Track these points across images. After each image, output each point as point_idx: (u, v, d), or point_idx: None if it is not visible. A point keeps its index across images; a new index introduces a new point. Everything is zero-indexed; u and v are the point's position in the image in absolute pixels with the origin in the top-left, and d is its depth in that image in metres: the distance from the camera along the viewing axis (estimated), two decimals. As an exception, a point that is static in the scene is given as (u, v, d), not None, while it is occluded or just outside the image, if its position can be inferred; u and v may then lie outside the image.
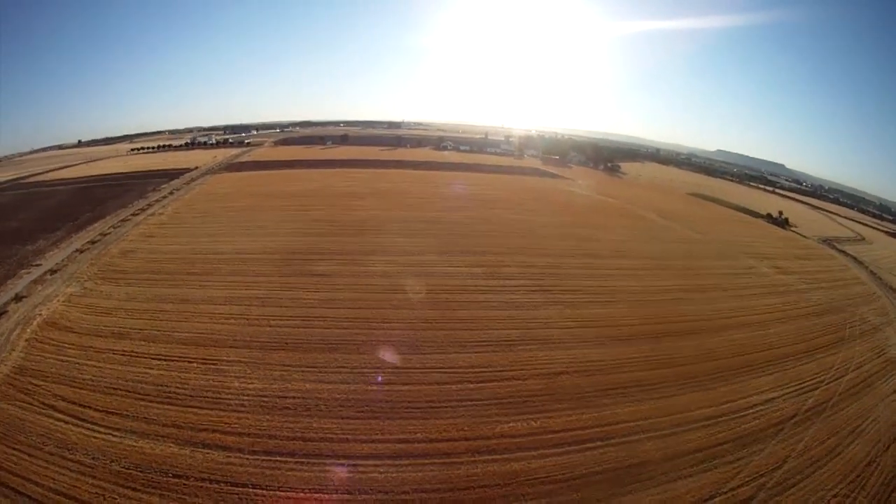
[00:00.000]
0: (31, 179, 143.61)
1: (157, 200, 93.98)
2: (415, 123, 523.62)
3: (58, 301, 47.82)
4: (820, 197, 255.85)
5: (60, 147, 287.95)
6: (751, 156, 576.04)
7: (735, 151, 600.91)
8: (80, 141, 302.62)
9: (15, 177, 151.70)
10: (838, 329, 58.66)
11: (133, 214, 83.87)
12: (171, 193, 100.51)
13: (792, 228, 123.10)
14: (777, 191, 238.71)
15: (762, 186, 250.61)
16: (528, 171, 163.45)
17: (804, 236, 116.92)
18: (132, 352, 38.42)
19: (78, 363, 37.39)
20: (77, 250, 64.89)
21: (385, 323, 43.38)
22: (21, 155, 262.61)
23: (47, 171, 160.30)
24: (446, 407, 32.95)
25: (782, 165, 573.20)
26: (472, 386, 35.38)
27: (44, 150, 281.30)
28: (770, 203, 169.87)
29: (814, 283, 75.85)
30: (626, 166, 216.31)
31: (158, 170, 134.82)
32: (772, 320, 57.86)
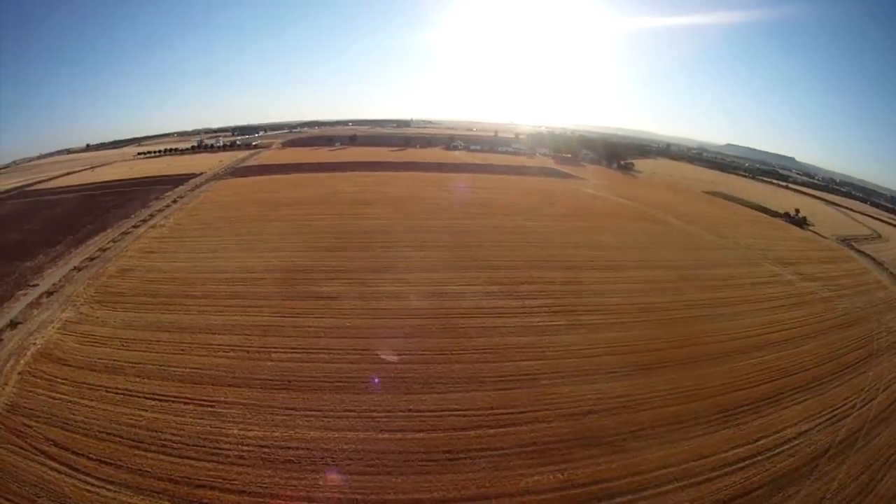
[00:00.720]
0: (37, 187, 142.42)
1: (159, 210, 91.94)
2: (423, 121, 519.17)
3: (53, 328, 45.64)
4: (832, 191, 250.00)
5: (69, 151, 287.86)
6: (761, 149, 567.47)
7: (745, 145, 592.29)
8: (88, 145, 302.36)
9: (21, 184, 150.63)
10: (866, 342, 55.27)
11: (134, 226, 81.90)
12: (174, 202, 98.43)
13: (810, 227, 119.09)
14: (790, 186, 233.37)
15: (775, 182, 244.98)
16: (540, 171, 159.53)
17: (822, 236, 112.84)
18: (126, 390, 36.01)
19: (70, 402, 35.15)
20: (75, 268, 62.92)
21: (395, 355, 40.34)
22: (29, 160, 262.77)
23: (53, 178, 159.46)
24: (464, 458, 30.00)
25: (792, 158, 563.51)
26: (491, 432, 32.38)
27: (52, 154, 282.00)
28: (785, 200, 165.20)
29: (837, 289, 72.25)
30: (638, 163, 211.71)
31: (163, 175, 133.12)
32: (800, 336, 54.45)
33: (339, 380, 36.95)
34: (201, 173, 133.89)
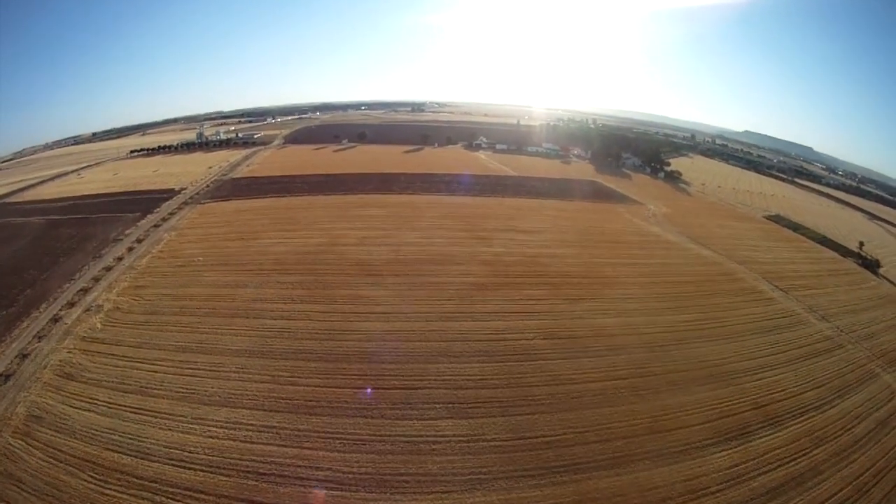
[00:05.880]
0: (13, 199, 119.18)
1: (108, 268, 67.35)
2: (438, 104, 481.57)
3: None
4: (863, 194, 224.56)
5: (76, 141, 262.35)
6: (779, 138, 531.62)
7: (762, 132, 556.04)
8: (94, 133, 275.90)
9: (2, 193, 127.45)
10: None
11: (70, 303, 57.72)
12: (129, 251, 73.68)
13: (882, 272, 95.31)
14: (832, 193, 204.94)
15: (814, 187, 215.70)
16: (585, 187, 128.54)
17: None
18: None
19: None
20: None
21: None
22: (34, 150, 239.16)
23: (38, 184, 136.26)
24: None
25: (810, 149, 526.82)
26: None
27: (59, 143, 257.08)
28: (840, 220, 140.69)
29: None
30: (676, 163, 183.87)
31: (141, 192, 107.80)
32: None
33: None
34: (181, 190, 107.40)
